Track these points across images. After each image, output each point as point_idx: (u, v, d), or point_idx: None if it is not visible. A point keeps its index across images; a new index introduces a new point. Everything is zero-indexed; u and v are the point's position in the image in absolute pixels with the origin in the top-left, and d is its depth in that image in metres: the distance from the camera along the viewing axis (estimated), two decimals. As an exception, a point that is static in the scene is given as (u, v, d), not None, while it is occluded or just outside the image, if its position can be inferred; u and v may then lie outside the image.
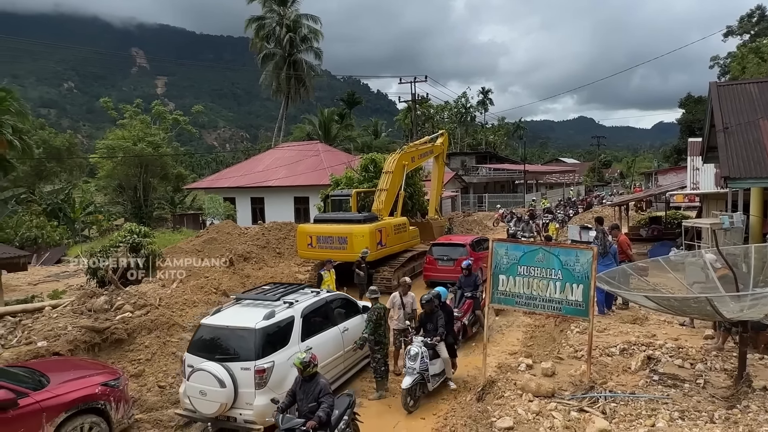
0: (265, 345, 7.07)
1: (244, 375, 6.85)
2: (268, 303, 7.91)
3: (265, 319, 7.28)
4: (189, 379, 7.09)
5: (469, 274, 11.09)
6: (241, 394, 6.83)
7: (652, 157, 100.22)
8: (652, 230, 23.97)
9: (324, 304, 8.63)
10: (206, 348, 7.30)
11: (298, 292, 8.68)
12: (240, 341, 7.14)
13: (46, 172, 39.20)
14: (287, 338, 7.47)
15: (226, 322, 7.51)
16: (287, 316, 7.68)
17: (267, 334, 7.17)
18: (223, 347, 7.26)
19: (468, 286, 11.02)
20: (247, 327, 7.18)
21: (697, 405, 5.77)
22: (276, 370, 6.98)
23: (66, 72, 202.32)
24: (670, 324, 9.41)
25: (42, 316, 10.74)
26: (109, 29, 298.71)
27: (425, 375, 7.79)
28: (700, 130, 29.16)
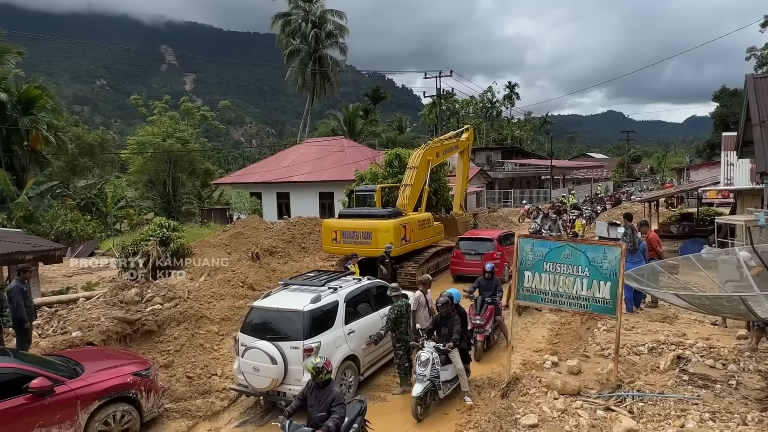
0: (312, 326, 7.65)
1: (293, 353, 7.45)
2: (313, 288, 8.48)
3: (312, 302, 7.82)
4: (243, 356, 7.66)
5: (491, 278, 10.30)
6: (291, 371, 7.43)
7: (683, 152, 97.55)
8: (683, 227, 23.36)
9: (365, 290, 9.14)
10: (258, 328, 7.90)
11: (340, 279, 9.26)
12: (289, 322, 7.75)
13: (79, 168, 40.36)
14: (332, 321, 8.06)
15: (276, 305, 8.13)
16: (332, 300, 8.22)
17: (314, 316, 7.74)
18: (273, 328, 7.85)
19: (488, 290, 10.18)
20: (296, 309, 7.77)
21: (729, 406, 5.63)
22: (322, 349, 7.51)
23: (98, 70, 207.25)
24: (701, 323, 9.19)
25: (76, 307, 11.11)
26: (139, 27, 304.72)
27: (436, 382, 7.42)
28: (735, 124, 28.26)
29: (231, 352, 10.08)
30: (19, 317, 8.41)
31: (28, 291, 8.77)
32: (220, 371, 9.25)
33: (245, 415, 7.88)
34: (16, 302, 8.37)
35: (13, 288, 8.53)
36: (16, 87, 26.92)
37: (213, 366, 9.40)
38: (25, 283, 8.73)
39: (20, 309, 8.39)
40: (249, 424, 7.58)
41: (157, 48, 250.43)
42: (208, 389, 8.51)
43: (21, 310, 8.40)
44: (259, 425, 7.56)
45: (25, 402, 6.12)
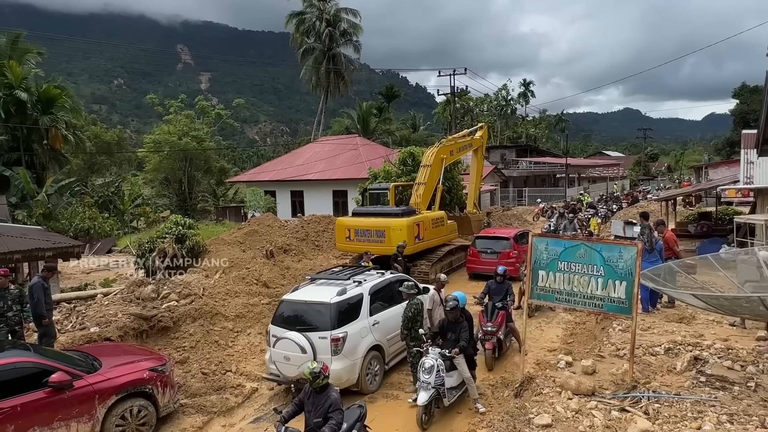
0: (339, 317, 8.06)
1: (321, 343, 7.87)
2: (339, 282, 8.87)
3: (339, 295, 8.27)
4: (274, 346, 8.17)
5: (502, 281, 9.83)
6: (319, 360, 7.47)
7: (702, 150, 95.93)
8: (701, 226, 22.99)
9: (388, 284, 9.45)
10: (288, 320, 8.35)
11: (365, 273, 9.60)
12: (317, 314, 8.17)
13: (97, 166, 40.98)
14: (357, 312, 8.43)
15: (304, 298, 8.59)
16: (357, 293, 8.62)
17: (340, 308, 8.17)
18: (302, 319, 8.28)
19: (498, 294, 9.69)
20: (323, 302, 8.21)
21: (747, 409, 5.54)
22: (349, 339, 7.98)
23: (116, 69, 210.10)
24: (719, 324, 9.05)
25: (94, 303, 11.29)
26: (156, 27, 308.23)
27: (441, 390, 7.11)
28: (755, 121, 27.70)
29: (245, 349, 10.19)
30: (39, 312, 8.57)
31: (48, 288, 8.93)
32: (234, 368, 9.35)
33: (259, 412, 7.95)
34: (36, 297, 8.52)
35: (35, 284, 8.68)
36: (36, 87, 27.44)
37: (228, 362, 9.50)
38: (46, 281, 8.89)
39: (40, 304, 8.54)
40: (263, 421, 7.65)
41: (173, 47, 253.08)
42: (222, 385, 8.60)
43: (41, 306, 8.55)
44: (273, 422, 7.60)
45: (45, 396, 6.25)
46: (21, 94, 25.56)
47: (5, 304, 8.35)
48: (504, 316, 9.33)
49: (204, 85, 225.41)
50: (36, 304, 8.53)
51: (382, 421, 7.36)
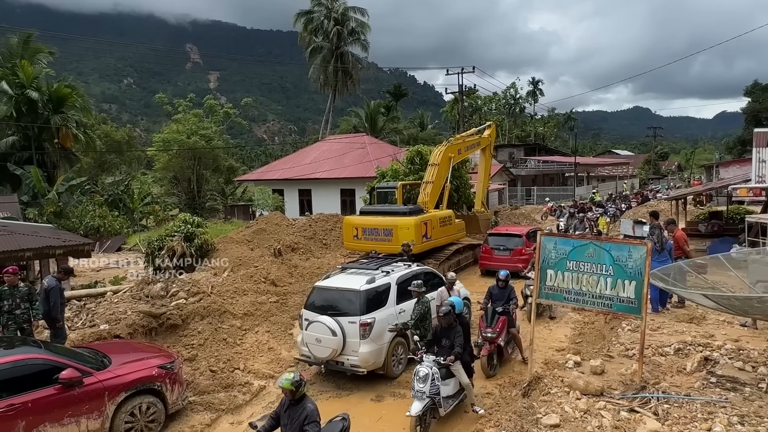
0: (368, 304, 8.57)
1: (351, 327, 8.36)
2: (368, 271, 9.40)
3: (368, 283, 8.78)
4: (306, 329, 8.69)
5: (504, 286, 9.42)
6: (349, 343, 8.36)
7: (713, 149, 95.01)
8: (711, 226, 22.77)
9: (414, 275, 9.74)
10: (319, 305, 8.87)
11: (392, 264, 10.08)
12: (348, 300, 8.65)
13: (107, 164, 41.31)
14: (385, 300, 8.92)
15: (336, 285, 9.11)
16: (385, 282, 9.12)
17: (369, 295, 8.67)
18: (333, 305, 8.77)
19: (500, 299, 9.28)
20: (353, 289, 8.72)
21: (759, 410, 5.48)
22: (376, 325, 8.43)
23: (125, 69, 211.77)
24: (730, 324, 8.95)
25: (104, 301, 11.39)
26: (165, 26, 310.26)
27: (437, 399, 6.77)
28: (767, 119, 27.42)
29: (253, 347, 10.24)
30: (54, 316, 8.59)
31: (63, 290, 9.00)
32: (242, 365, 9.38)
33: (267, 409, 7.96)
34: (53, 301, 8.53)
35: (53, 287, 8.65)
36: (47, 86, 27.72)
37: (236, 360, 9.54)
38: (61, 283, 8.94)
39: (56, 307, 8.56)
40: (271, 418, 7.66)
41: (182, 47, 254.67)
42: (231, 383, 8.64)
43: (57, 309, 8.58)
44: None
45: (55, 392, 6.30)
46: (32, 94, 25.84)
47: (14, 301, 8.43)
48: (505, 322, 8.88)
49: (213, 84, 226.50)
50: (52, 307, 8.53)
51: (389, 420, 7.37)
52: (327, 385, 8.73)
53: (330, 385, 8.72)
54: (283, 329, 11.30)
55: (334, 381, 8.83)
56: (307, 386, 5.17)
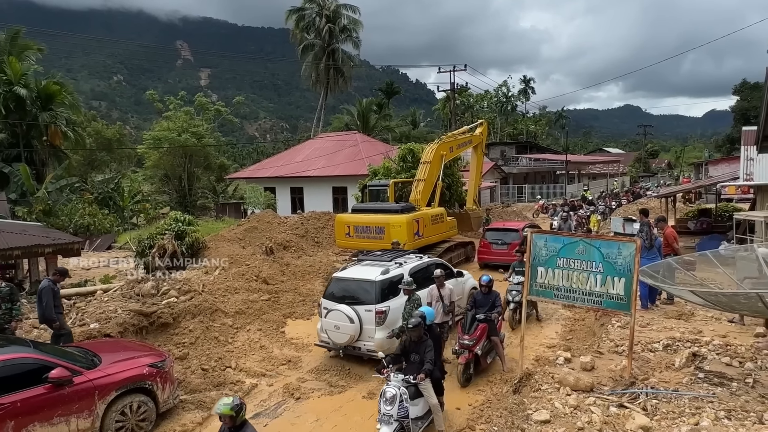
0: (382, 293, 9.05)
1: (367, 315, 8.92)
2: (383, 263, 9.93)
3: (382, 274, 9.29)
4: (326, 317, 9.24)
5: (488, 292, 8.85)
6: (365, 330, 8.94)
7: (702, 147, 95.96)
8: (700, 223, 23.01)
9: (426, 266, 10.33)
10: (337, 295, 9.39)
11: (405, 256, 10.64)
12: (364, 290, 9.17)
13: (97, 162, 40.98)
14: (398, 290, 9.17)
15: (353, 276, 9.64)
16: (398, 273, 9.57)
17: (384, 285, 9.16)
18: (350, 294, 9.31)
19: (483, 306, 8.74)
20: (369, 279, 9.25)
21: (745, 405, 5.55)
22: (390, 313, 8.92)
23: (115, 65, 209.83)
24: (718, 320, 9.06)
25: (94, 300, 11.33)
26: (155, 23, 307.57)
27: (405, 423, 6.17)
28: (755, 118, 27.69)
29: (245, 345, 10.23)
30: (48, 317, 8.48)
31: (58, 291, 8.81)
32: (234, 364, 9.37)
33: (259, 408, 7.97)
34: (45, 302, 8.39)
35: (44, 287, 8.53)
36: (35, 83, 27.41)
37: (227, 358, 9.53)
38: (56, 284, 8.76)
39: (49, 308, 8.42)
40: (262, 417, 7.67)
41: (173, 43, 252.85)
42: (222, 381, 8.63)
43: (50, 310, 8.43)
44: (272, 418, 7.64)
45: (45, 392, 6.26)
46: (20, 91, 25.55)
47: None
48: (484, 330, 8.31)
49: (204, 81, 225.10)
50: (45, 308, 8.40)
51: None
52: (319, 383, 8.74)
53: (322, 383, 8.73)
54: (275, 327, 11.29)
55: (326, 379, 8.84)
56: (244, 412, 4.75)
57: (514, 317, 10.59)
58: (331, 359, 9.65)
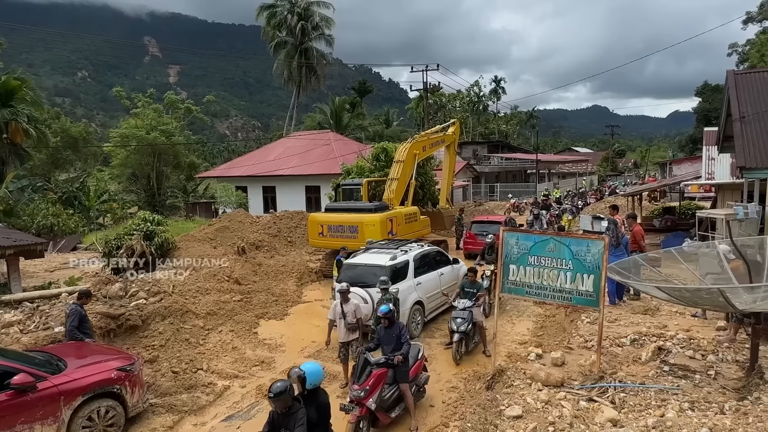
0: (392, 276, 9.90)
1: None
2: (389, 250, 10.97)
3: (391, 259, 10.36)
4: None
5: (390, 325, 7.14)
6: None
7: (666, 147, 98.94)
8: (665, 221, 23.73)
9: (427, 254, 11.63)
10: (351, 278, 10.03)
11: (409, 245, 11.73)
12: (375, 274, 9.91)
13: (61, 161, 39.70)
14: (405, 274, 10.47)
15: (365, 261, 10.72)
16: (404, 259, 10.70)
17: (393, 269, 10.19)
18: (363, 278, 10.16)
19: (387, 343, 7.07)
20: (380, 264, 10.28)
21: (708, 396, 5.76)
22: (400, 294, 9.60)
23: (80, 61, 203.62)
24: (682, 315, 9.36)
25: (59, 302, 10.97)
26: (121, 18, 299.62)
27: None
28: (716, 119, 28.69)
29: (216, 347, 10.08)
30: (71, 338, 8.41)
31: (85, 315, 8.71)
32: (206, 366, 9.21)
33: (231, 410, 7.86)
34: (69, 324, 8.38)
35: (72, 311, 8.48)
36: (-6, 78, 26.37)
37: (199, 360, 9.37)
38: (82, 307, 8.66)
39: (72, 332, 8.36)
40: (236, 419, 7.57)
41: (140, 39, 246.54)
42: (194, 384, 8.47)
43: (73, 333, 8.36)
44: (245, 420, 7.55)
45: (7, 398, 6.05)
46: (-22, 86, 24.56)
47: None
48: (381, 377, 6.56)
49: (173, 78, 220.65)
50: (69, 331, 8.40)
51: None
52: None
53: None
54: (247, 328, 11.15)
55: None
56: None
57: (459, 350, 9.01)
58: (305, 359, 9.58)
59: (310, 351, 10.07)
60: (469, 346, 9.35)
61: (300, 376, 5.08)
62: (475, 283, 9.68)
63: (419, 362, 7.41)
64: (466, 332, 8.99)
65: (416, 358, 7.33)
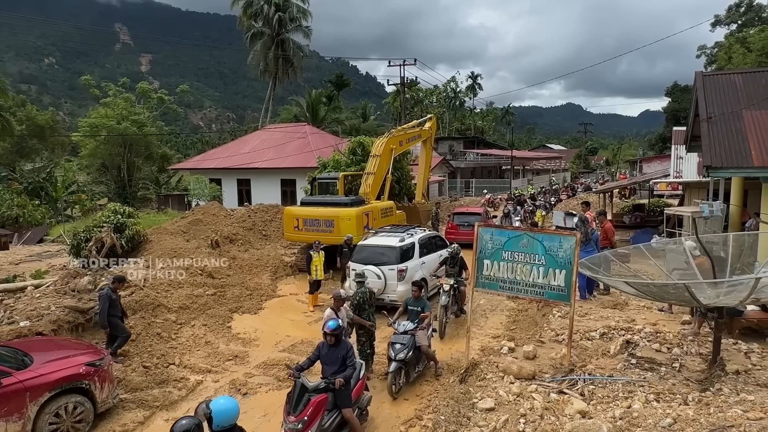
0: (401, 256, 11.69)
1: (390, 273, 11.49)
2: (397, 234, 12.66)
3: (401, 241, 11.97)
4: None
5: (336, 343, 6.29)
6: (389, 284, 11.47)
7: (637, 145, 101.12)
8: (635, 217, 24.32)
9: (429, 237, 13.44)
10: (364, 258, 11.83)
11: (413, 229, 13.52)
12: (385, 254, 11.72)
13: (27, 150, 38.45)
14: (412, 254, 12.08)
15: (377, 243, 12.24)
16: (411, 241, 12.32)
17: (402, 249, 11.80)
18: (375, 257, 11.75)
19: (332, 363, 6.23)
20: (391, 245, 11.89)
21: (672, 388, 5.94)
22: (408, 271, 11.41)
23: (47, 47, 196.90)
24: (649, 309, 9.63)
25: (24, 296, 10.66)
26: (90, 3, 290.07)
27: None
28: (685, 119, 29.47)
29: (189, 341, 9.95)
30: (101, 323, 8.86)
31: (116, 299, 9.00)
32: (178, 360, 9.10)
33: (204, 405, 7.77)
34: (100, 308, 8.80)
35: (103, 294, 8.88)
36: (-45, 63, 25.35)
37: (170, 355, 9.24)
38: (115, 292, 8.99)
39: (102, 315, 8.73)
40: (208, 413, 7.48)
41: (111, 26, 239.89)
42: (165, 379, 8.35)
43: (103, 316, 8.73)
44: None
45: (-31, 395, 5.87)
46: (-62, 71, 23.56)
47: None
48: (320, 405, 5.74)
49: (144, 67, 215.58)
50: (99, 314, 8.87)
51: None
52: (266, 378, 8.62)
53: (270, 378, 8.61)
54: (220, 322, 11.05)
55: (274, 374, 8.72)
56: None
57: (397, 381, 7.61)
58: (279, 353, 9.55)
59: (285, 345, 10.03)
60: (411, 376, 7.91)
61: (206, 414, 4.19)
62: (419, 300, 8.54)
63: (361, 382, 6.62)
64: (404, 360, 7.58)
65: (358, 378, 6.50)
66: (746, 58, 32.08)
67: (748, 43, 33.87)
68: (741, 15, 42.32)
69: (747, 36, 35.35)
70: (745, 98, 13.07)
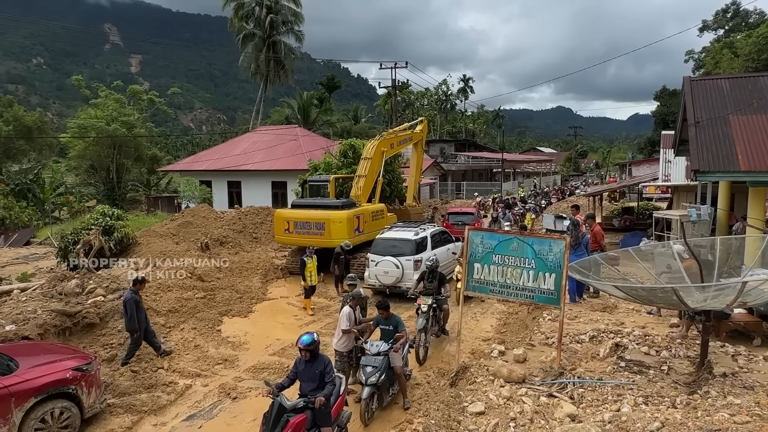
0: (417, 248, 12.97)
1: (407, 263, 12.70)
2: (410, 228, 13.95)
3: (416, 235, 13.32)
4: (376, 266, 12.94)
5: (312, 358, 5.91)
6: (406, 274, 12.59)
7: (626, 149, 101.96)
8: (624, 220, 24.51)
9: (440, 232, 14.62)
10: (381, 250, 13.10)
11: (425, 224, 15.03)
12: (402, 246, 13.03)
13: (14, 151, 38.00)
14: (425, 246, 13.27)
15: (394, 236, 13.59)
16: (424, 235, 13.55)
17: (417, 242, 13.11)
18: (393, 249, 13.03)
19: (309, 381, 5.93)
20: (408, 238, 13.25)
21: (661, 390, 5.98)
22: (423, 262, 11.41)
23: (35, 47, 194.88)
24: (638, 312, 9.69)
25: (10, 299, 10.54)
26: (80, 3, 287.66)
27: None
28: (674, 123, 29.78)
29: (178, 345, 9.86)
30: (131, 327, 8.76)
31: (140, 301, 9.00)
32: (166, 364, 9.01)
33: (193, 409, 7.72)
34: (129, 313, 8.67)
35: (128, 299, 8.77)
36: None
37: (159, 359, 9.15)
38: (137, 294, 8.98)
39: (133, 320, 8.70)
40: (197, 418, 7.44)
41: (100, 26, 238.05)
42: (153, 383, 8.27)
43: (133, 321, 8.71)
44: (207, 419, 7.42)
45: (-47, 401, 5.77)
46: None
47: None
48: (300, 425, 5.47)
49: (134, 68, 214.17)
50: (129, 319, 8.71)
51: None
52: (256, 381, 8.56)
53: (259, 382, 8.54)
54: (210, 326, 10.96)
55: (263, 377, 8.66)
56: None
57: (369, 407, 7.11)
58: (270, 357, 9.50)
59: (275, 349, 9.98)
60: (384, 400, 7.42)
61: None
62: (390, 319, 7.82)
63: (341, 398, 6.31)
64: (377, 384, 7.09)
65: (338, 395, 6.18)
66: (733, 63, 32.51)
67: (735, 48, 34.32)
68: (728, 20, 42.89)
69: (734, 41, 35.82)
70: (732, 103, 13.21)
